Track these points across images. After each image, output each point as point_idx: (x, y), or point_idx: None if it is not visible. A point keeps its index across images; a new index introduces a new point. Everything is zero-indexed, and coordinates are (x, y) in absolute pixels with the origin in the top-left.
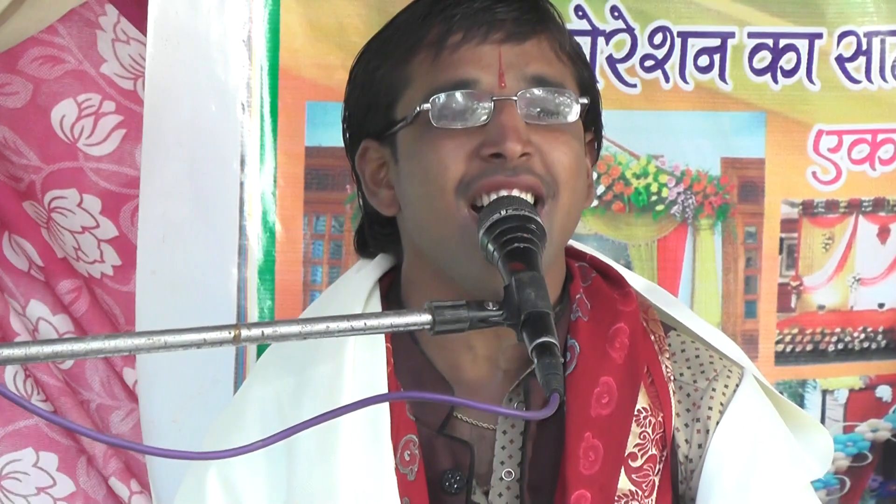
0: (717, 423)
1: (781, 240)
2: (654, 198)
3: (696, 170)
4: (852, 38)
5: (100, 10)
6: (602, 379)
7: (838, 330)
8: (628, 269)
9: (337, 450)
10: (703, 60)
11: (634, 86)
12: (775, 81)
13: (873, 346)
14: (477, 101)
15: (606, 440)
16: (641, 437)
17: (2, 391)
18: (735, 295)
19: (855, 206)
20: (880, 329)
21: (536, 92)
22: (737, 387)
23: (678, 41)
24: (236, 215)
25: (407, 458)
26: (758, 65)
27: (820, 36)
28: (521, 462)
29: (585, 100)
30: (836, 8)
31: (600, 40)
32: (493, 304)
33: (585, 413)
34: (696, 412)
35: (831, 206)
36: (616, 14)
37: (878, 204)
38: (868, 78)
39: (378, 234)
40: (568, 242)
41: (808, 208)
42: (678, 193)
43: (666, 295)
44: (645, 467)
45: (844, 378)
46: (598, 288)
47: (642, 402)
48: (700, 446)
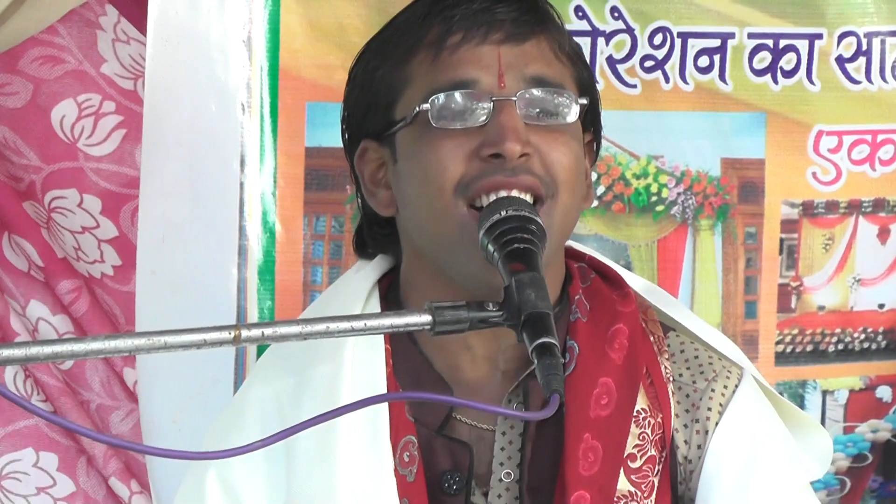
0: (717, 423)
1: (781, 240)
2: (654, 198)
3: (696, 170)
4: (852, 39)
5: (100, 10)
6: (601, 380)
7: (838, 330)
8: (628, 269)
9: (336, 450)
10: (703, 61)
11: (634, 86)
12: (775, 82)
13: (873, 346)
14: (476, 101)
15: (606, 441)
16: (641, 437)
17: (2, 391)
18: (735, 295)
19: (855, 207)
20: (880, 330)
21: (536, 92)
22: (736, 387)
23: (678, 42)
24: (236, 215)
25: (406, 458)
26: (758, 65)
27: (820, 36)
28: (521, 463)
29: (585, 100)
30: (836, 8)
31: (600, 41)
32: (493, 304)
33: (584, 414)
34: (696, 413)
35: (831, 206)
36: (616, 14)
37: (879, 204)
38: (868, 78)
39: (377, 235)
40: (567, 243)
41: (809, 209)
42: (678, 194)
43: (665, 295)
44: (644, 468)
45: (844, 379)
46: (597, 289)
47: (641, 403)
48: (699, 447)
